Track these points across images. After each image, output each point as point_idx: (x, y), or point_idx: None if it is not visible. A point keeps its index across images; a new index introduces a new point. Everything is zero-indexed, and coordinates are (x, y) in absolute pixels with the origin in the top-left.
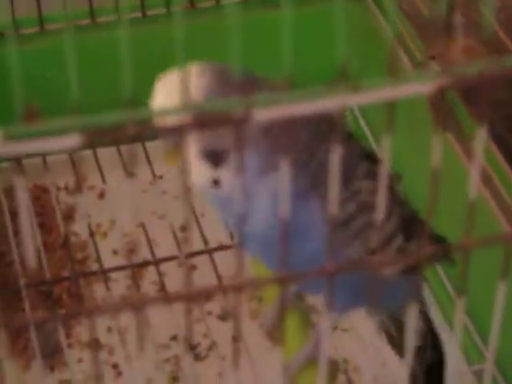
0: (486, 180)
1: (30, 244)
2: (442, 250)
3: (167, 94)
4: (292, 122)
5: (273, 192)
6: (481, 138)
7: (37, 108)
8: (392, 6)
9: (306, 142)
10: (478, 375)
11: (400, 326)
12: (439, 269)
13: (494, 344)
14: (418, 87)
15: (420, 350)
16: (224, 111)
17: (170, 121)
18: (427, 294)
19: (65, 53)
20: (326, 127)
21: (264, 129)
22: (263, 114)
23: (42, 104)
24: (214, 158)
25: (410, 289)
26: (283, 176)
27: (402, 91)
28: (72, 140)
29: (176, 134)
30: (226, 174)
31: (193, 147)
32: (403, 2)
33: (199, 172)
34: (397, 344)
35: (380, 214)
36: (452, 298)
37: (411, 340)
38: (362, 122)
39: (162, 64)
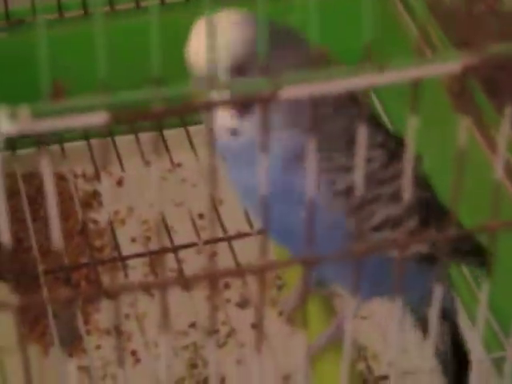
0: (507, 169)
1: (56, 227)
2: (466, 233)
3: (202, 40)
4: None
5: (284, 150)
6: (505, 123)
7: (62, 85)
8: None
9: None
10: (497, 363)
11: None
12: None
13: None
14: (444, 67)
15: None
16: (252, 91)
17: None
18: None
19: (85, 39)
20: (343, 100)
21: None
22: (291, 92)
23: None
24: (239, 107)
25: (430, 281)
26: (309, 160)
27: (428, 71)
28: (99, 117)
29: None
30: (247, 125)
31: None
32: None
33: (221, 119)
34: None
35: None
36: (471, 287)
37: (433, 328)
38: (376, 101)
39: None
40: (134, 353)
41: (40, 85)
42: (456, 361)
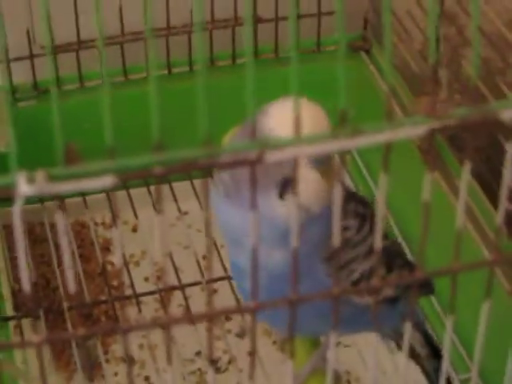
0: (469, 213)
1: (70, 273)
2: (427, 276)
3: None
4: None
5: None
6: (465, 176)
7: (76, 148)
8: (386, 61)
9: None
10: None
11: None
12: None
13: (479, 356)
14: (413, 130)
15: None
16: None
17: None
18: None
19: (101, 105)
20: None
21: None
22: (274, 156)
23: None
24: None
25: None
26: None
27: (398, 134)
28: (106, 181)
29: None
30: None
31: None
32: (395, 58)
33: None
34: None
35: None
36: (439, 314)
37: (406, 349)
38: (361, 164)
39: (186, 116)
40: (147, 378)
41: (56, 151)
42: (437, 360)
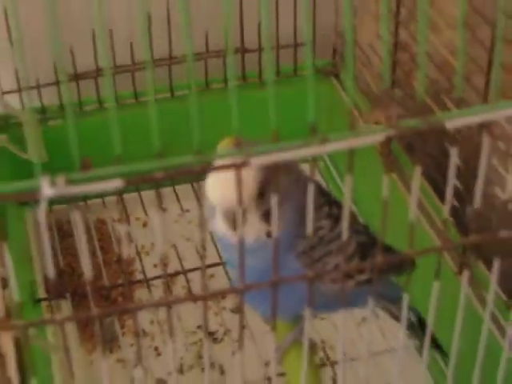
0: (422, 208)
1: (87, 263)
2: (393, 259)
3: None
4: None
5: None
6: (417, 176)
7: (90, 160)
8: (350, 84)
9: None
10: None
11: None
12: None
13: (431, 324)
14: (373, 137)
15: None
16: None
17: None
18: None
19: (111, 123)
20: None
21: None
22: (258, 161)
23: (94, 159)
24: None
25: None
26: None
27: (360, 141)
28: (115, 183)
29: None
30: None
31: (253, 214)
32: (360, 81)
33: (257, 228)
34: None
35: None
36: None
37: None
38: (334, 172)
39: (184, 130)
40: (156, 348)
41: (74, 160)
42: (422, 328)
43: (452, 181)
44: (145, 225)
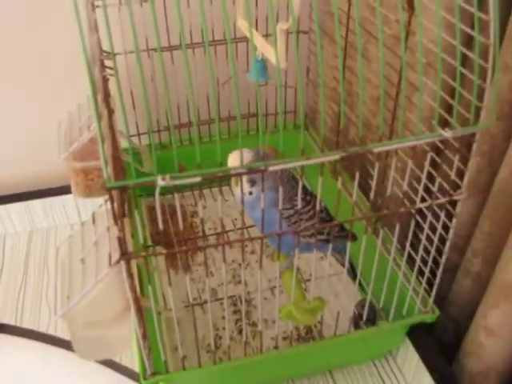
0: (356, 203)
1: (180, 223)
2: (337, 225)
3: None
4: (281, 178)
5: (267, 202)
6: (355, 186)
7: (185, 166)
8: (319, 136)
9: (286, 187)
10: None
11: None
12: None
13: (360, 269)
14: (328, 158)
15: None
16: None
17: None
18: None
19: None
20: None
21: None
22: (273, 167)
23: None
24: (252, 182)
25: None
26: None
27: (324, 159)
28: (197, 179)
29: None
30: (255, 190)
31: (244, 178)
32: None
33: (244, 188)
34: (341, 263)
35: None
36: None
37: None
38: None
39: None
40: (211, 272)
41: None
42: (352, 265)
43: (374, 188)
44: (204, 207)
